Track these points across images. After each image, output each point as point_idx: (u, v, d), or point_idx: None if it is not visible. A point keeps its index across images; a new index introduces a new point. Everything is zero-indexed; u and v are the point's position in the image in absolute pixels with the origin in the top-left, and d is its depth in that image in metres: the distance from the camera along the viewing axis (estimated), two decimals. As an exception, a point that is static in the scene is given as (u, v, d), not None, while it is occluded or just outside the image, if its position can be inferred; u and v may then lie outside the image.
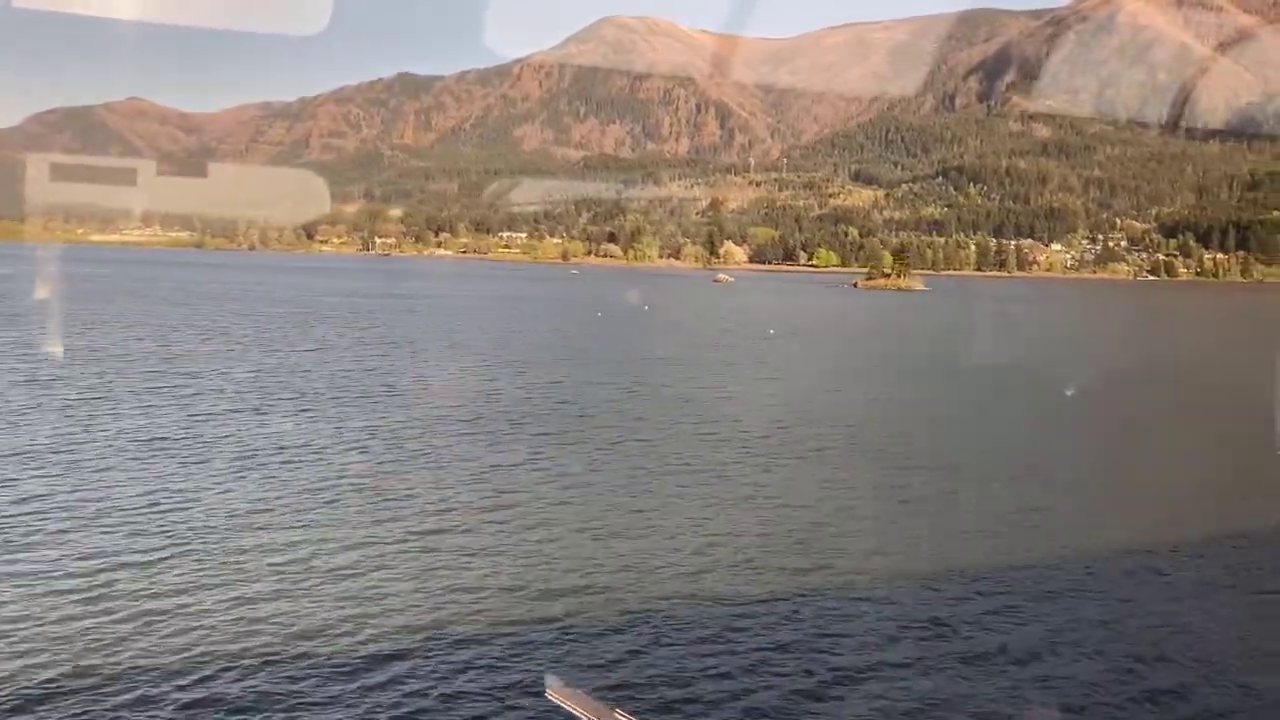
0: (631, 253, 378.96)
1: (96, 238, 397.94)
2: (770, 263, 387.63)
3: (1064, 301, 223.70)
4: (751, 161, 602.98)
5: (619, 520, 33.05)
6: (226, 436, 44.74)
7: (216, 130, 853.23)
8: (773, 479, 39.55)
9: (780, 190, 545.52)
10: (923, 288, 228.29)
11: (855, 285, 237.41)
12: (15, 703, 19.78)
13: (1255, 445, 43.24)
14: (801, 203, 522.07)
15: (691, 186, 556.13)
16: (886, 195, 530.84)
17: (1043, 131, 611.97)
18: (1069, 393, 64.33)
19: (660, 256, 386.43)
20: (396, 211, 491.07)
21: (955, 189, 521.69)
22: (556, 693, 8.65)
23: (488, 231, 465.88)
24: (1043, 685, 22.01)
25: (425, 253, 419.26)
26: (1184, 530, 33.68)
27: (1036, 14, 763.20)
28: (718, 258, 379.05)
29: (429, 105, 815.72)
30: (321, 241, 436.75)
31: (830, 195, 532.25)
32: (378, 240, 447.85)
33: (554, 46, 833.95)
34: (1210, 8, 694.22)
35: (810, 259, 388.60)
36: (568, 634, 23.51)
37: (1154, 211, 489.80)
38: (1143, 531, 33.49)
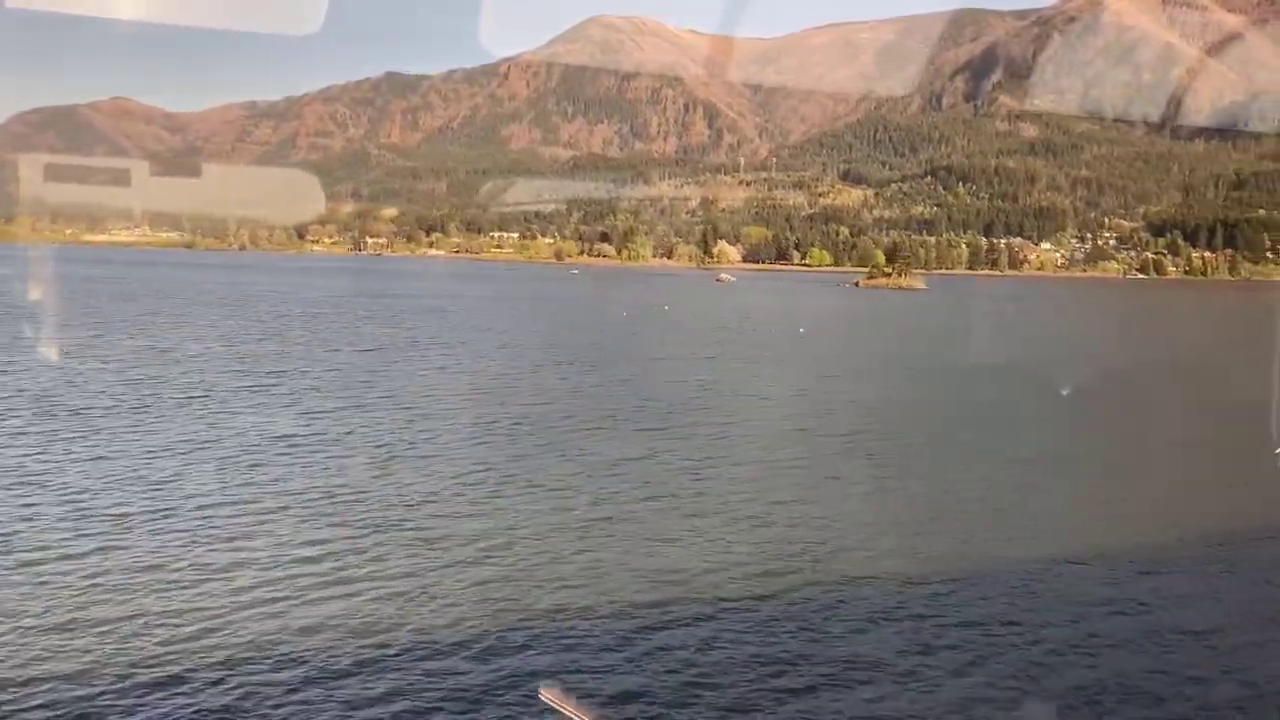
0: (625, 252, 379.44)
1: (86, 238, 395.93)
2: (763, 262, 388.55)
3: (1062, 300, 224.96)
4: (741, 161, 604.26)
5: (777, 508, 33.97)
6: (351, 433, 45.38)
7: (202, 130, 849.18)
8: (882, 471, 40.63)
9: (770, 190, 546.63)
10: (923, 286, 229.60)
11: (857, 284, 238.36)
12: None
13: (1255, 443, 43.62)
14: (792, 202, 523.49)
15: (681, 186, 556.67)
16: (876, 195, 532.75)
17: (1030, 131, 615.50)
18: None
19: (654, 256, 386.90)
20: (391, 211, 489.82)
21: (944, 188, 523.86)
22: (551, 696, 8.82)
23: (479, 231, 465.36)
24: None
25: (418, 253, 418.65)
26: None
27: (1022, 14, 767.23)
28: (712, 257, 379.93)
29: (416, 105, 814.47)
30: (313, 242, 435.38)
31: (820, 195, 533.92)
32: (369, 240, 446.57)
33: (541, 46, 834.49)
34: (1195, 7, 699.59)
35: (803, 258, 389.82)
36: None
37: (1141, 210, 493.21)
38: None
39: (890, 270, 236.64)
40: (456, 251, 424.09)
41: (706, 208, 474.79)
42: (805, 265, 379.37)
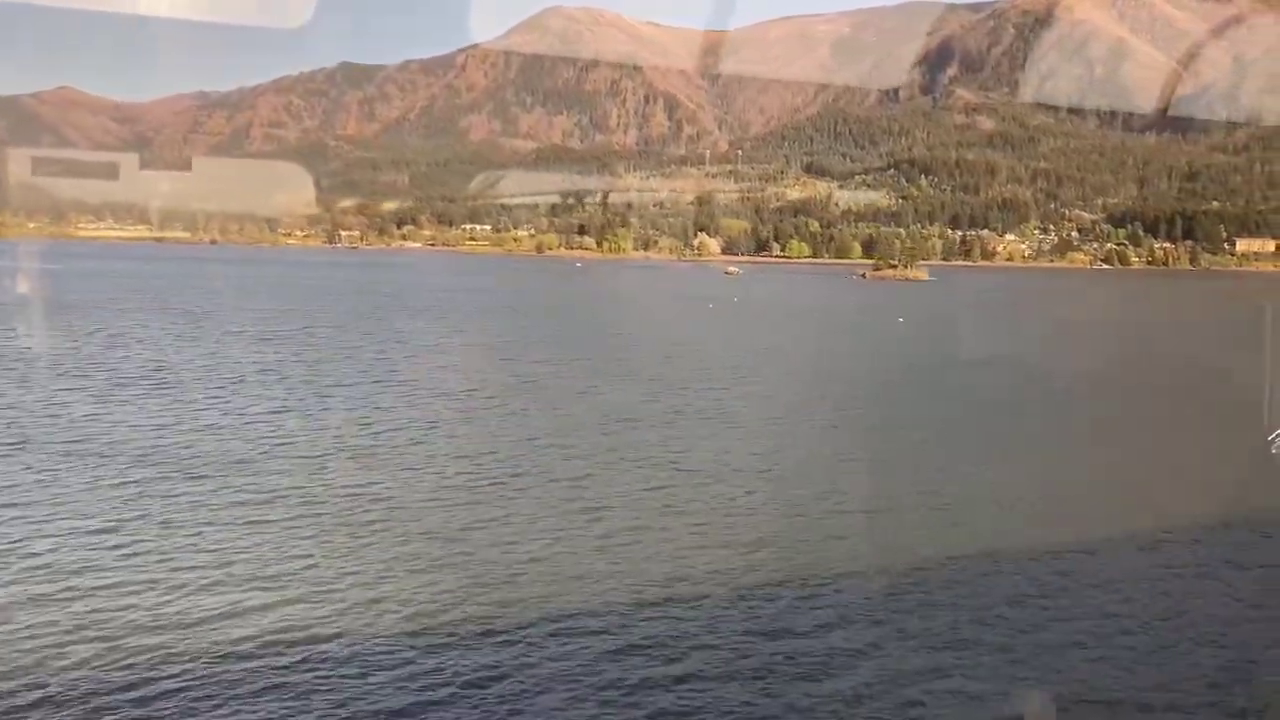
0: (606, 245, 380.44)
1: (53, 231, 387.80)
2: (741, 254, 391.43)
3: (1057, 289, 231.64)
4: (707, 153, 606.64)
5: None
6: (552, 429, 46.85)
7: (152, 120, 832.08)
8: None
9: (737, 182, 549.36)
10: (927, 278, 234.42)
11: (864, 276, 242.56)
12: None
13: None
14: (759, 195, 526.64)
15: (647, 178, 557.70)
16: (840, 187, 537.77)
17: (986, 124, 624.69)
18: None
19: (635, 248, 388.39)
20: (391, 204, 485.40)
21: (907, 181, 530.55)
22: None
23: (450, 224, 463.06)
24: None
25: (394, 245, 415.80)
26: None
27: (976, 7, 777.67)
28: (692, 249, 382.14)
29: (373, 96, 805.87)
30: (285, 234, 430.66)
31: (786, 187, 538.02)
32: (342, 234, 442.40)
33: (499, 36, 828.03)
34: (1143, 4, 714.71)
35: (783, 250, 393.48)
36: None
37: (1100, 202, 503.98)
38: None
39: (896, 263, 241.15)
40: (432, 244, 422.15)
41: (700, 203, 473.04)
42: (785, 257, 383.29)
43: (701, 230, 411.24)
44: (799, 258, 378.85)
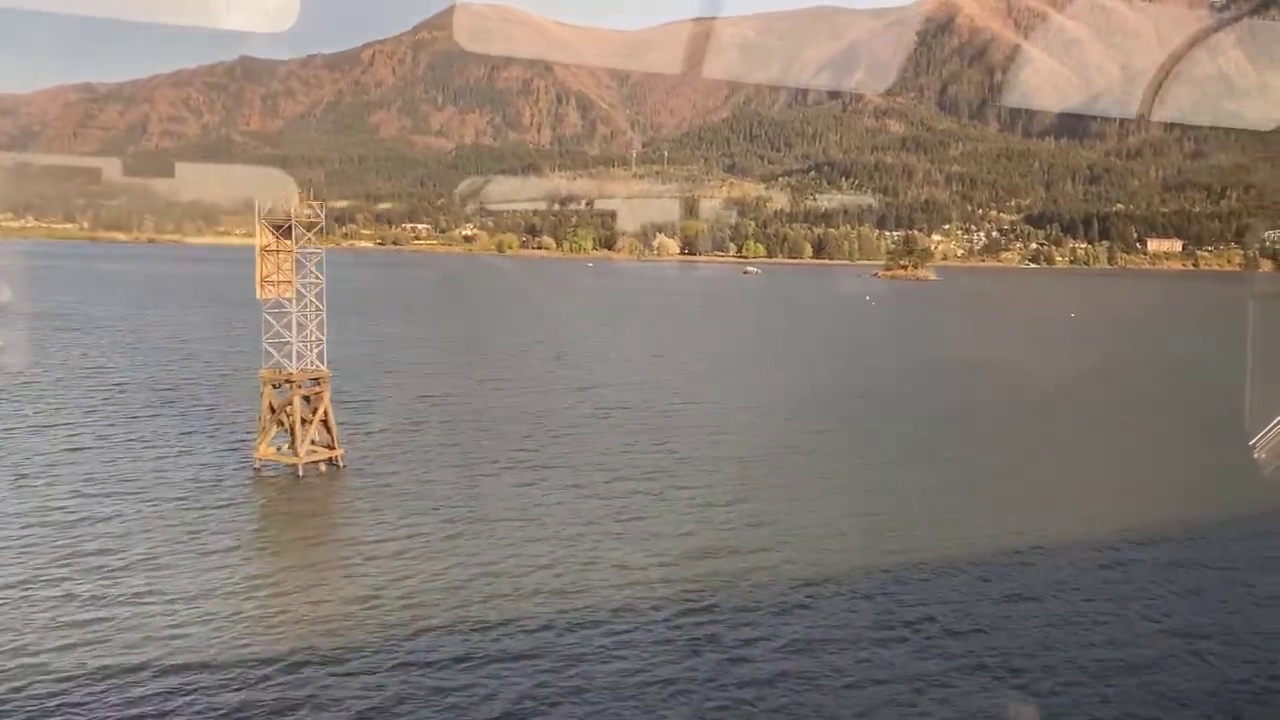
0: (568, 244, 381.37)
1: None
2: (699, 254, 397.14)
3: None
4: (633, 154, 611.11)
5: None
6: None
7: (35, 113, 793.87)
8: None
9: (664, 183, 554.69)
10: (934, 277, 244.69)
11: (876, 275, 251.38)
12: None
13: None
14: (689, 196, 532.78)
15: (575, 178, 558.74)
16: (767, 188, 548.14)
17: (896, 127, 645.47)
18: None
19: (594, 248, 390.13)
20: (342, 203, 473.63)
21: (828, 183, 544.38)
22: None
23: (388, 223, 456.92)
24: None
25: (345, 244, 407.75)
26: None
27: (878, 14, 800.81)
28: (652, 249, 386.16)
29: (276, 91, 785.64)
30: (224, 232, 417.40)
31: (714, 188, 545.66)
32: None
33: (404, 32, 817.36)
34: (1037, 13, 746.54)
35: (739, 251, 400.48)
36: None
37: (1013, 204, 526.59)
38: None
39: (906, 263, 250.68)
40: (380, 243, 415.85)
41: (689, 207, 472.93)
42: (742, 257, 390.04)
43: (660, 231, 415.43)
44: (755, 257, 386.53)
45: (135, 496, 44.89)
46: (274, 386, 49.28)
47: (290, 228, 49.86)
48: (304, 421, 48.76)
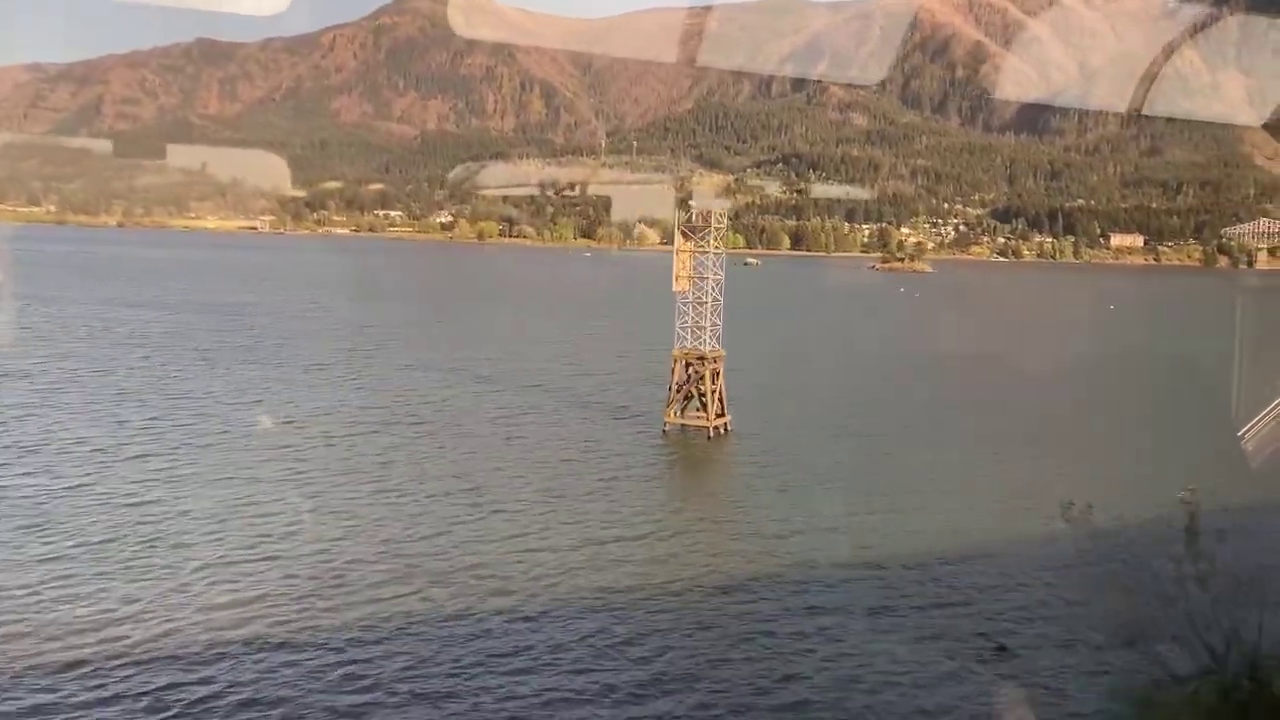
0: (548, 234, 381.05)
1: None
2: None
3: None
4: (602, 143, 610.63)
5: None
6: None
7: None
8: None
9: (633, 173, 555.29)
10: (930, 270, 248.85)
11: (874, 267, 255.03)
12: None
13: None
14: (656, 186, 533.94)
15: (545, 166, 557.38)
16: (735, 179, 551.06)
17: (860, 120, 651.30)
18: None
19: (575, 237, 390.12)
20: (335, 186, 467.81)
21: (796, 175, 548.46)
22: None
23: (360, 210, 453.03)
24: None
25: (320, 231, 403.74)
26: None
27: (837, 7, 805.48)
28: (632, 239, 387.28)
29: (234, 74, 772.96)
30: (195, 218, 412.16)
31: (684, 178, 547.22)
32: (262, 219, 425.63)
33: (365, 17, 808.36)
34: (996, 9, 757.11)
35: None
36: None
37: (977, 198, 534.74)
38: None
39: (903, 256, 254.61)
40: (356, 230, 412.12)
41: (683, 203, 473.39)
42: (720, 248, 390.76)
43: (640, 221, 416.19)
44: (734, 248, 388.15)
45: (577, 448, 58.58)
46: (684, 364, 60.27)
47: (700, 230, 62.49)
48: (711, 393, 60.20)
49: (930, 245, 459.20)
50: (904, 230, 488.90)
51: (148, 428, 59.48)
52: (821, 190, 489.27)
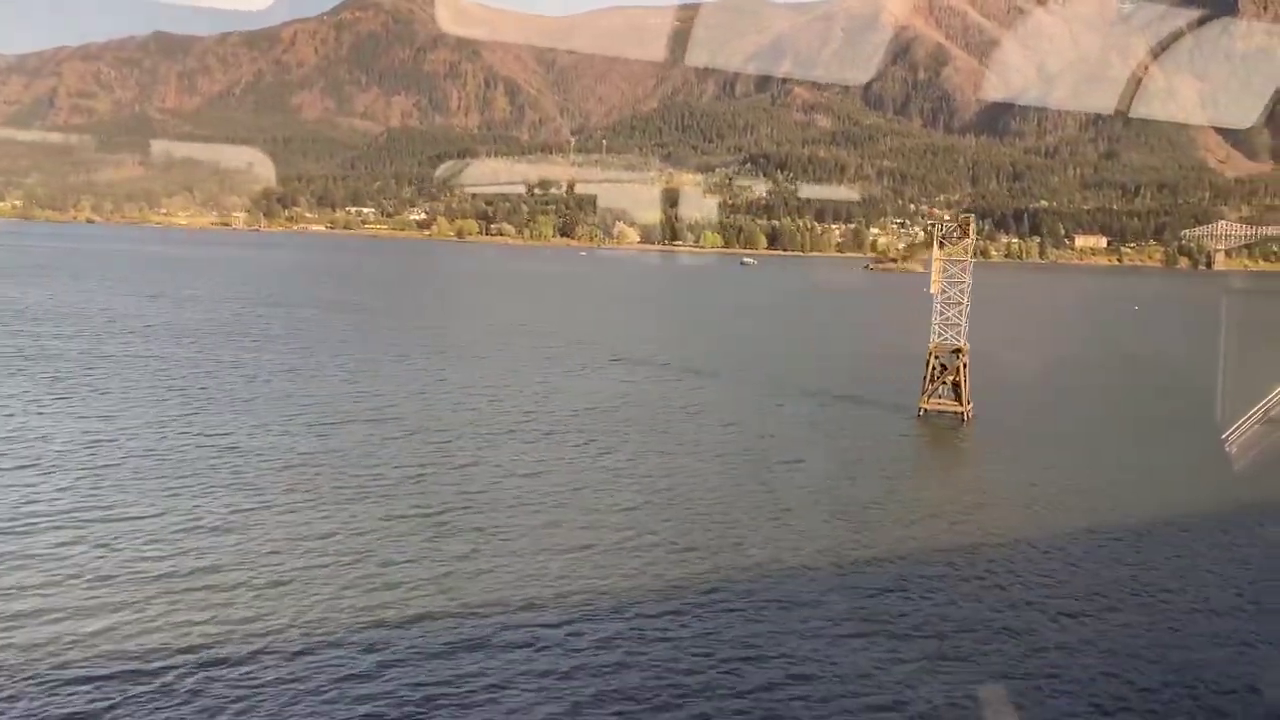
0: (528, 232, 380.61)
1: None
2: (657, 243, 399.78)
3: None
4: (570, 141, 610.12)
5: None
6: None
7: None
8: None
9: (604, 170, 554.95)
10: (923, 270, 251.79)
11: (868, 268, 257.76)
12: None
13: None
14: (626, 184, 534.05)
15: (514, 164, 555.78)
16: (720, 180, 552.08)
17: (824, 121, 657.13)
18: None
19: (553, 235, 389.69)
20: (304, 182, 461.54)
21: (764, 175, 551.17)
22: None
23: (331, 207, 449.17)
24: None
25: (295, 228, 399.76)
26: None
27: (799, 8, 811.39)
28: (612, 237, 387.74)
29: (193, 68, 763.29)
30: (165, 214, 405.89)
31: (654, 178, 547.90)
32: (236, 215, 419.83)
33: (327, 12, 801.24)
34: (956, 12, 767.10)
35: (696, 241, 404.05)
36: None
37: (942, 199, 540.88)
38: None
39: (896, 257, 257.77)
40: (331, 226, 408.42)
41: (672, 200, 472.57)
42: (699, 248, 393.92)
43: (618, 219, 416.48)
44: (711, 247, 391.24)
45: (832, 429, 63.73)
46: (937, 357, 66.48)
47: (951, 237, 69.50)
48: (965, 382, 66.26)
49: (901, 245, 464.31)
50: (874, 230, 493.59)
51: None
52: (810, 191, 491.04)
